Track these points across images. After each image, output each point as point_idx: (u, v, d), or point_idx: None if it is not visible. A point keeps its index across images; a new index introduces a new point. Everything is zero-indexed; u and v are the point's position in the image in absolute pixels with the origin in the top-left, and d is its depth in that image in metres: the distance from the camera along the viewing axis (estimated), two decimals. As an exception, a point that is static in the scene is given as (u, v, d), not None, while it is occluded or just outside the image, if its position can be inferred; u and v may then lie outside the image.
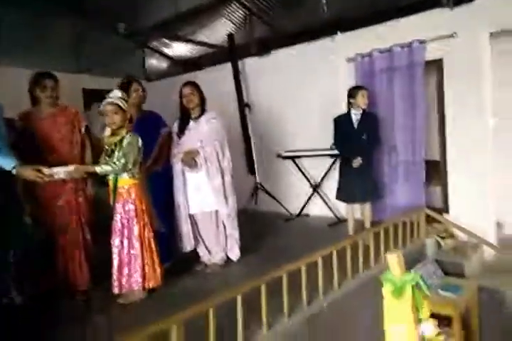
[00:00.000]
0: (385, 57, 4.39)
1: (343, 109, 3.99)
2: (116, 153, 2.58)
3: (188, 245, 3.25)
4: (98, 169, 2.55)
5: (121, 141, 2.61)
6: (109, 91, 2.80)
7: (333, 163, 4.76)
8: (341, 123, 3.86)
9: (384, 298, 1.60)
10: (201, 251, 3.34)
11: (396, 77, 4.35)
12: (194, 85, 3.28)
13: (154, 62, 7.02)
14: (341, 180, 3.92)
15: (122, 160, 2.54)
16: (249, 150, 5.49)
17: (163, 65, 7.12)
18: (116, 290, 2.63)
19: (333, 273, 2.66)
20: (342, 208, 4.64)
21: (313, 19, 5.05)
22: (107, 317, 2.45)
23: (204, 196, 3.19)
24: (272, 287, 2.19)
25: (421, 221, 3.73)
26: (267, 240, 4.10)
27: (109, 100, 2.64)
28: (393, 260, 1.58)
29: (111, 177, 2.65)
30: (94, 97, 6.28)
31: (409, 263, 2.12)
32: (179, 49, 6.72)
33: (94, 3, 5.74)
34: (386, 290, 1.60)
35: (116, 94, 2.69)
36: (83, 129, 2.94)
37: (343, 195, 3.90)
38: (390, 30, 4.36)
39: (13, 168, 2.23)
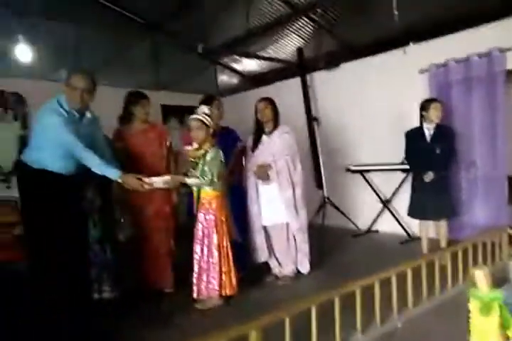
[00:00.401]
0: (461, 67, 4.23)
1: (415, 123, 3.89)
2: (200, 166, 2.77)
3: (261, 256, 3.34)
4: (188, 181, 2.77)
5: (204, 154, 2.80)
6: (185, 107, 3.03)
7: (405, 177, 4.63)
8: (413, 137, 3.77)
9: (470, 315, 1.56)
10: (272, 263, 3.41)
11: (474, 87, 4.16)
12: (269, 100, 3.41)
13: (225, 78, 7.33)
14: (414, 196, 3.80)
15: (209, 176, 2.73)
16: (317, 164, 5.51)
17: (234, 80, 7.42)
18: (195, 295, 2.79)
19: (407, 291, 2.59)
20: (414, 225, 4.48)
21: (383, 31, 5.01)
22: (188, 320, 2.60)
23: (276, 208, 3.28)
24: (344, 302, 2.19)
25: (503, 242, 3.48)
26: (335, 255, 4.07)
27: (194, 116, 2.84)
28: (481, 276, 1.54)
29: (195, 189, 2.85)
30: (171, 112, 6.75)
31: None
32: (249, 64, 6.98)
33: (172, 25, 6.19)
34: (473, 306, 1.56)
35: (203, 110, 2.87)
36: (168, 144, 3.18)
37: (415, 211, 3.78)
38: (466, 39, 4.21)
39: (119, 177, 2.44)
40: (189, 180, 2.76)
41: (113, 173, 2.42)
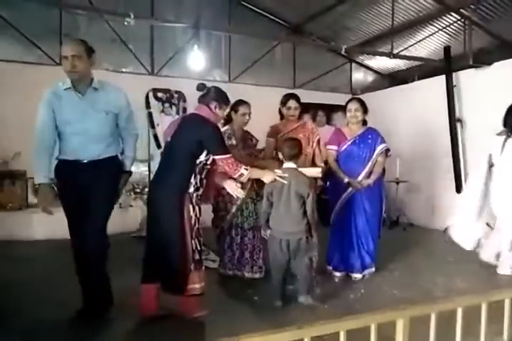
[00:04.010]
0: None
1: None
2: None
3: None
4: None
5: None
6: (318, 104, 3.24)
7: None
8: None
9: None
10: None
11: None
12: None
13: (360, 76, 7.35)
14: None
15: None
16: (458, 167, 5.24)
17: (369, 78, 7.39)
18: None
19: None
20: None
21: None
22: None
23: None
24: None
25: None
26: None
27: None
28: None
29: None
30: (304, 110, 7.02)
31: None
32: (385, 62, 6.89)
33: (310, 26, 6.46)
34: None
35: None
36: (316, 141, 3.36)
37: None
38: None
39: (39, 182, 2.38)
40: None
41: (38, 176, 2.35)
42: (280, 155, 2.84)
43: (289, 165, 2.76)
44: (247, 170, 2.48)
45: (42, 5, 4.74)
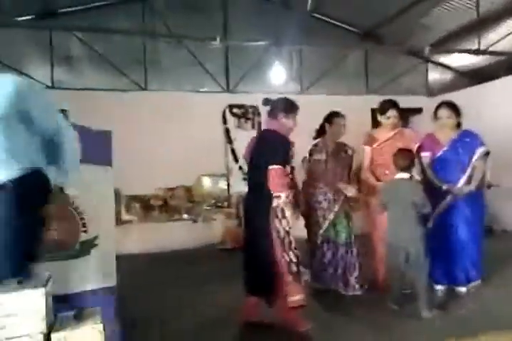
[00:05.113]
0: None
1: None
2: None
3: None
4: None
5: None
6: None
7: None
8: None
9: None
10: None
11: None
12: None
13: (437, 76, 7.01)
14: None
15: None
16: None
17: (447, 77, 7.01)
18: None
19: None
20: None
21: None
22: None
23: None
24: None
25: None
26: None
27: None
28: None
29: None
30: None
31: None
32: (464, 60, 6.49)
33: (381, 31, 6.31)
34: None
35: None
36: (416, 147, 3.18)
37: None
38: None
39: None
40: None
41: None
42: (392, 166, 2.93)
43: (402, 175, 2.85)
44: (286, 196, 2.41)
45: (126, 36, 5.16)
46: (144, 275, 3.86)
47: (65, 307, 1.56)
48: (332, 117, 3.21)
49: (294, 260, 2.47)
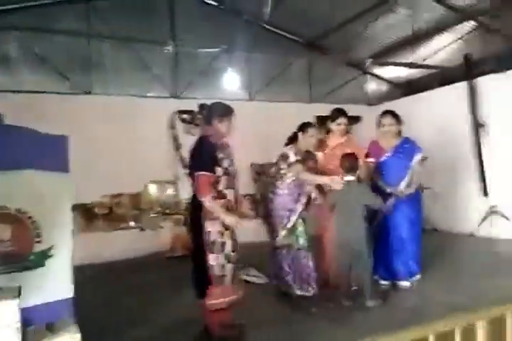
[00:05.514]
0: None
1: None
2: None
3: None
4: None
5: None
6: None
7: None
8: None
9: None
10: None
11: None
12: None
13: (375, 87, 7.46)
14: None
15: None
16: (483, 171, 5.30)
17: (383, 88, 7.49)
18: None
19: None
20: None
21: None
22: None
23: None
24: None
25: None
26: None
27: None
28: None
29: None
30: (323, 123, 7.12)
31: None
32: (398, 71, 7.00)
33: (324, 41, 6.63)
34: None
35: None
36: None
37: None
38: None
39: None
40: None
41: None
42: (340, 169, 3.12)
43: (349, 177, 3.03)
44: (209, 200, 2.40)
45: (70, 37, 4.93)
46: (92, 286, 3.69)
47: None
48: (306, 127, 3.27)
49: (222, 263, 2.44)
